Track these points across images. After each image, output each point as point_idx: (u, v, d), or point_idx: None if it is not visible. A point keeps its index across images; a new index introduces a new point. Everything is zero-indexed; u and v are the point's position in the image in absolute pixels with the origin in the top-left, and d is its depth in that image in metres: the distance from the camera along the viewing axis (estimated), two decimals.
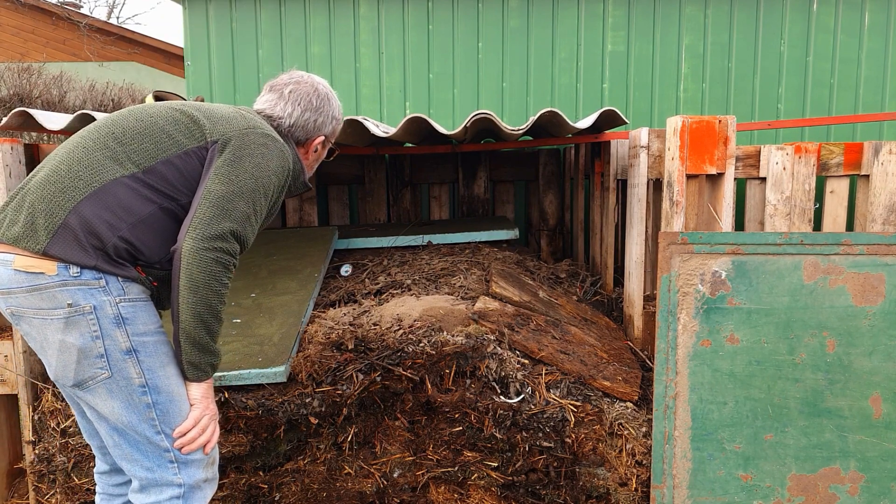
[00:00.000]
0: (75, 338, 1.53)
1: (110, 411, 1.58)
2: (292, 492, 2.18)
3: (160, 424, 1.60)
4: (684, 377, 2.19)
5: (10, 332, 2.44)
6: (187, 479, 1.63)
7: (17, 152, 2.37)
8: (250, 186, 1.63)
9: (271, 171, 1.69)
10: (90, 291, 1.53)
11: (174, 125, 1.66)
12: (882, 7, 3.99)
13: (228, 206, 1.58)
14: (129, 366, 1.56)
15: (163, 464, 1.62)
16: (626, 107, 4.07)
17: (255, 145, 1.67)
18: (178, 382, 1.63)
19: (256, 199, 1.64)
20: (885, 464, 2.16)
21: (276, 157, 1.71)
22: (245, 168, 1.63)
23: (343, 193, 4.00)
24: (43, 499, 2.22)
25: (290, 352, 2.20)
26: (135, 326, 1.57)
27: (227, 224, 1.57)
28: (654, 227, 3.08)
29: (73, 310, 1.52)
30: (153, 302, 1.67)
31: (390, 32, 4.04)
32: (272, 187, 1.69)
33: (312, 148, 1.94)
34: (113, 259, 1.55)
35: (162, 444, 1.61)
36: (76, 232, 1.52)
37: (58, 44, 11.43)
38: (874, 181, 3.04)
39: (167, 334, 1.66)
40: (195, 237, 1.54)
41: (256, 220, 1.67)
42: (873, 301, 2.14)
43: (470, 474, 2.18)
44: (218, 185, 1.59)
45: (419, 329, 2.25)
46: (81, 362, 1.54)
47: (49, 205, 1.53)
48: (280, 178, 1.73)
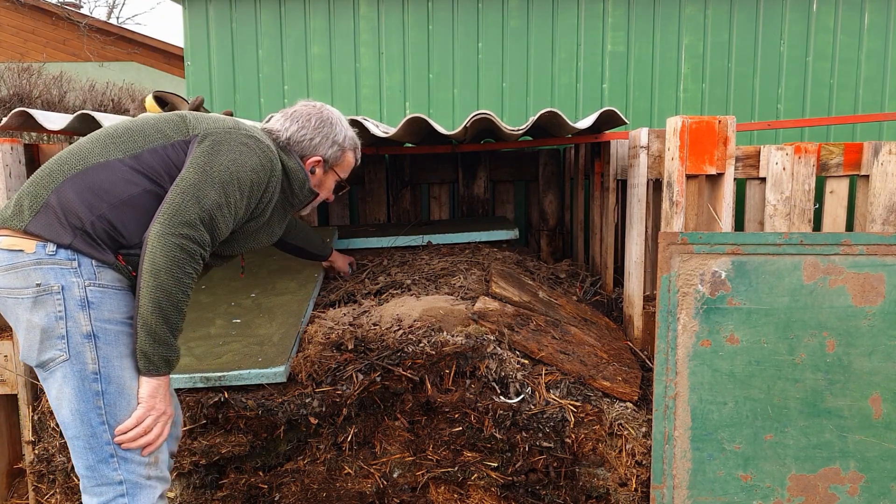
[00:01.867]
0: (40, 317, 1.54)
1: (63, 396, 1.56)
2: (292, 492, 2.18)
3: (106, 415, 1.57)
4: (684, 377, 2.19)
5: (10, 332, 2.44)
6: (127, 475, 1.59)
7: (17, 152, 2.37)
8: (223, 177, 1.64)
9: (249, 167, 1.70)
10: (61, 271, 1.54)
11: (165, 122, 1.72)
12: (882, 7, 3.99)
13: (199, 194, 1.60)
14: (87, 350, 1.55)
15: (104, 458, 1.58)
16: (626, 107, 4.07)
17: (235, 142, 1.70)
18: (131, 376, 1.60)
19: (230, 190, 1.65)
20: (885, 464, 2.16)
21: (257, 155, 1.73)
22: (220, 160, 1.66)
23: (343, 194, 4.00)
24: (43, 499, 2.22)
25: (289, 352, 2.20)
26: (99, 312, 1.56)
27: (195, 211, 1.58)
28: (654, 227, 3.08)
29: (42, 289, 1.53)
30: (131, 293, 1.65)
31: (390, 32, 4.04)
32: (248, 183, 1.70)
33: (308, 168, 1.96)
34: (92, 239, 1.57)
35: (104, 436, 1.57)
36: (56, 210, 1.56)
37: (58, 44, 11.43)
38: (874, 181, 3.04)
39: (132, 327, 1.63)
40: (162, 222, 1.56)
41: (230, 212, 1.67)
42: (873, 301, 2.14)
43: (470, 474, 2.18)
44: (191, 173, 1.62)
45: (419, 329, 2.25)
46: (44, 342, 1.54)
47: (35, 188, 1.59)
48: (259, 177, 1.73)
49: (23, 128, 2.57)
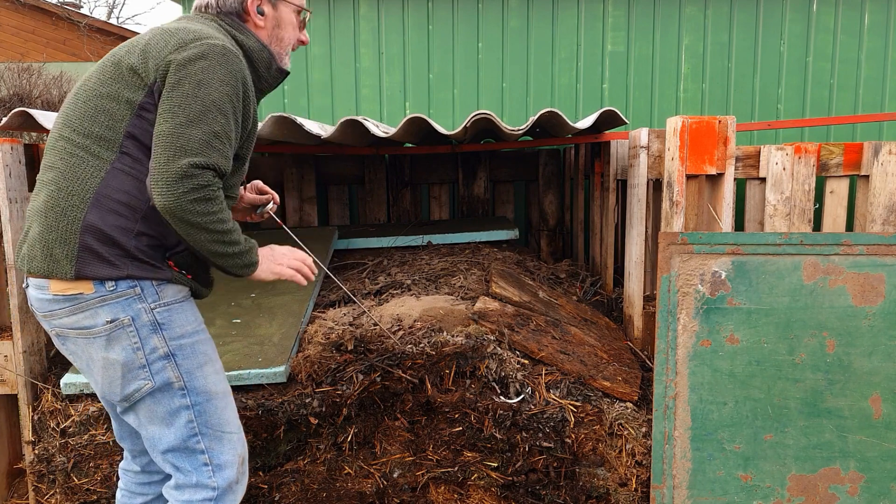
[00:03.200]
0: (118, 353, 1.53)
1: (155, 416, 1.59)
2: (292, 492, 2.18)
3: (198, 426, 1.60)
4: (684, 377, 2.19)
5: (10, 332, 2.44)
6: (221, 482, 1.64)
7: (17, 152, 2.37)
8: (198, 110, 1.46)
9: (217, 82, 1.49)
10: (127, 302, 1.52)
11: (116, 83, 1.53)
12: (882, 7, 3.99)
13: (181, 141, 1.44)
14: (169, 371, 1.57)
15: (198, 467, 1.62)
16: (626, 107, 4.07)
17: (190, 66, 1.48)
18: (215, 381, 1.64)
19: (211, 119, 1.47)
20: (885, 464, 2.16)
21: (219, 64, 1.50)
22: (186, 94, 1.46)
23: (343, 193, 4.00)
24: (43, 499, 2.22)
25: (289, 352, 2.20)
26: (171, 331, 1.57)
27: (185, 160, 1.43)
28: (654, 227, 3.08)
29: (113, 325, 1.52)
30: (193, 294, 1.66)
31: (390, 32, 4.04)
32: (226, 99, 1.50)
33: (254, 15, 1.69)
34: (142, 261, 1.53)
35: (198, 446, 1.61)
36: (95, 249, 1.49)
37: (58, 44, 11.42)
38: (874, 181, 3.04)
39: (205, 331, 1.66)
40: (160, 192, 1.43)
41: (224, 141, 1.50)
42: (873, 301, 2.14)
43: (470, 474, 2.18)
44: (164, 125, 1.46)
45: (419, 329, 2.25)
46: (126, 376, 1.55)
47: (58, 233, 1.50)
48: (233, 86, 1.52)
49: (23, 128, 2.56)
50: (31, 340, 2.41)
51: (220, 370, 1.67)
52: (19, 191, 2.37)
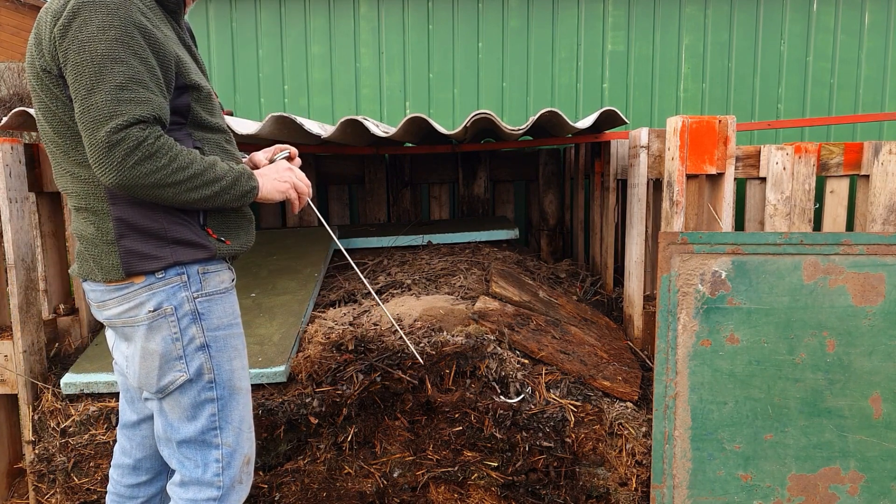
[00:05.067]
0: (157, 343, 1.53)
1: (178, 406, 1.59)
2: (292, 492, 2.18)
3: (219, 420, 1.61)
4: (684, 377, 2.19)
5: (10, 332, 2.44)
6: (227, 480, 1.64)
7: (17, 152, 2.37)
8: (91, 72, 1.35)
9: (98, 32, 1.36)
10: (171, 290, 1.53)
11: (45, 93, 1.47)
12: (882, 7, 3.99)
13: (91, 114, 1.36)
14: (203, 361, 1.57)
15: (209, 462, 1.62)
16: (626, 107, 4.07)
17: (67, 32, 1.37)
18: (241, 377, 1.65)
19: (109, 74, 1.35)
20: (885, 464, 2.16)
21: (93, 13, 1.37)
22: (75, 62, 1.36)
23: (343, 193, 4.00)
24: (43, 499, 2.22)
25: (290, 352, 2.20)
26: (209, 321, 1.58)
27: (102, 131, 1.35)
28: (654, 227, 3.08)
29: (156, 314, 1.52)
30: (233, 290, 1.66)
31: (390, 32, 4.04)
32: (116, 45, 1.37)
33: None
34: (180, 241, 1.53)
35: (214, 440, 1.61)
36: (137, 250, 1.50)
37: None
38: (874, 181, 3.04)
39: (240, 325, 1.67)
40: (101, 173, 1.38)
41: (136, 87, 1.37)
42: (873, 301, 2.14)
43: (470, 474, 2.18)
44: (77, 103, 1.38)
45: (419, 329, 2.25)
46: (163, 367, 1.55)
47: (99, 247, 1.51)
48: (119, 27, 1.37)
49: (23, 128, 2.56)
50: (32, 340, 2.41)
51: (246, 366, 1.68)
52: (19, 190, 2.37)
